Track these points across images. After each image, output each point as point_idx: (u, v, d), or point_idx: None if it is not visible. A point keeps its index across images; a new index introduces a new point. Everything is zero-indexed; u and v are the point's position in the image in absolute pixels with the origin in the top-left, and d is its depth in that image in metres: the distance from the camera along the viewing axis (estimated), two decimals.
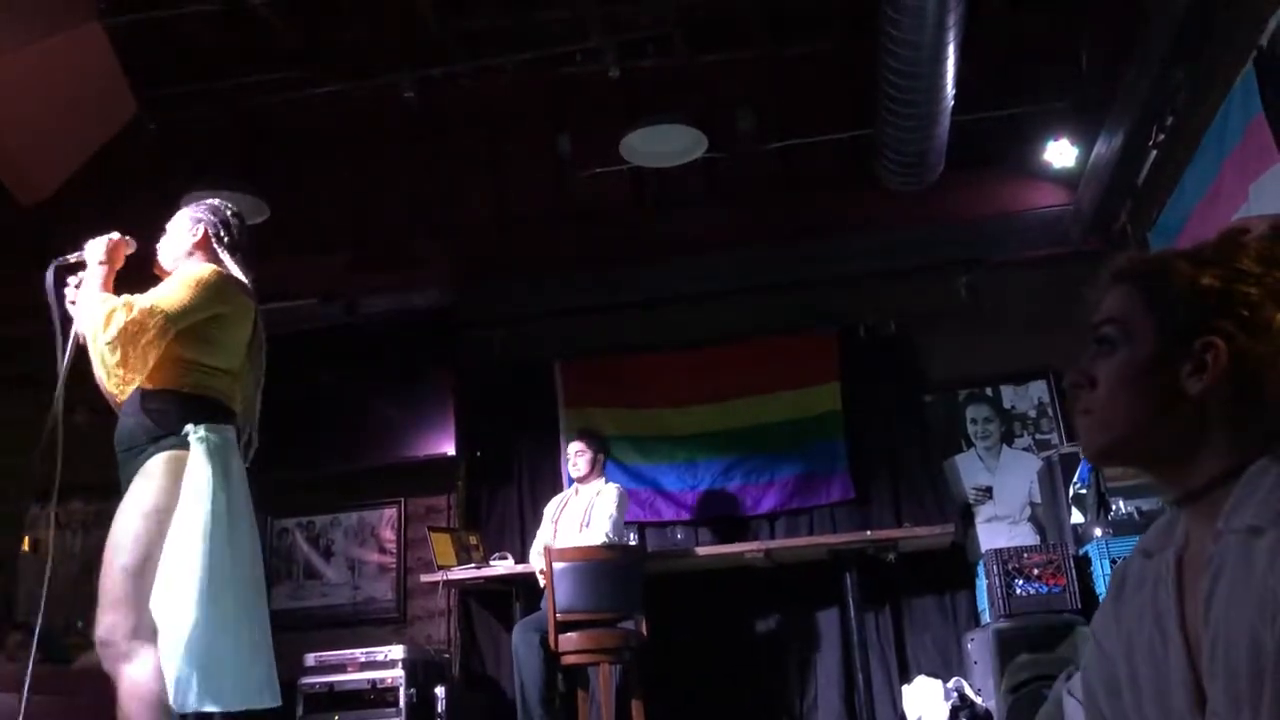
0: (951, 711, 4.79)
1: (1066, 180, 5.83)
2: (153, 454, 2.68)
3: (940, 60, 4.65)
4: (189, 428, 2.70)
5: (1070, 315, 1.40)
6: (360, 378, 6.32)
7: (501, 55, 5.71)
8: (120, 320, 2.64)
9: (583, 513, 5.31)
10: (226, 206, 3.16)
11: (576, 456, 5.48)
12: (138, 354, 2.66)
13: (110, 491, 6.70)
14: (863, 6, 4.96)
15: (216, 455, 2.69)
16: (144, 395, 2.75)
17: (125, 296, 2.73)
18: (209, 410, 2.78)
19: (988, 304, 6.06)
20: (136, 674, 2.50)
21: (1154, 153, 5.16)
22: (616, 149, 5.52)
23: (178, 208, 5.41)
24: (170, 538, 2.60)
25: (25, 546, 6.57)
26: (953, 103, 5.05)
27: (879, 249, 6.16)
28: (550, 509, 5.53)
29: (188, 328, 2.75)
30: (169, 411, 2.73)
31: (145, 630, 2.52)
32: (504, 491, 6.30)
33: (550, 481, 6.13)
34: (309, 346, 5.86)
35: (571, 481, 5.60)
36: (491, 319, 6.53)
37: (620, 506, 5.29)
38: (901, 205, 5.98)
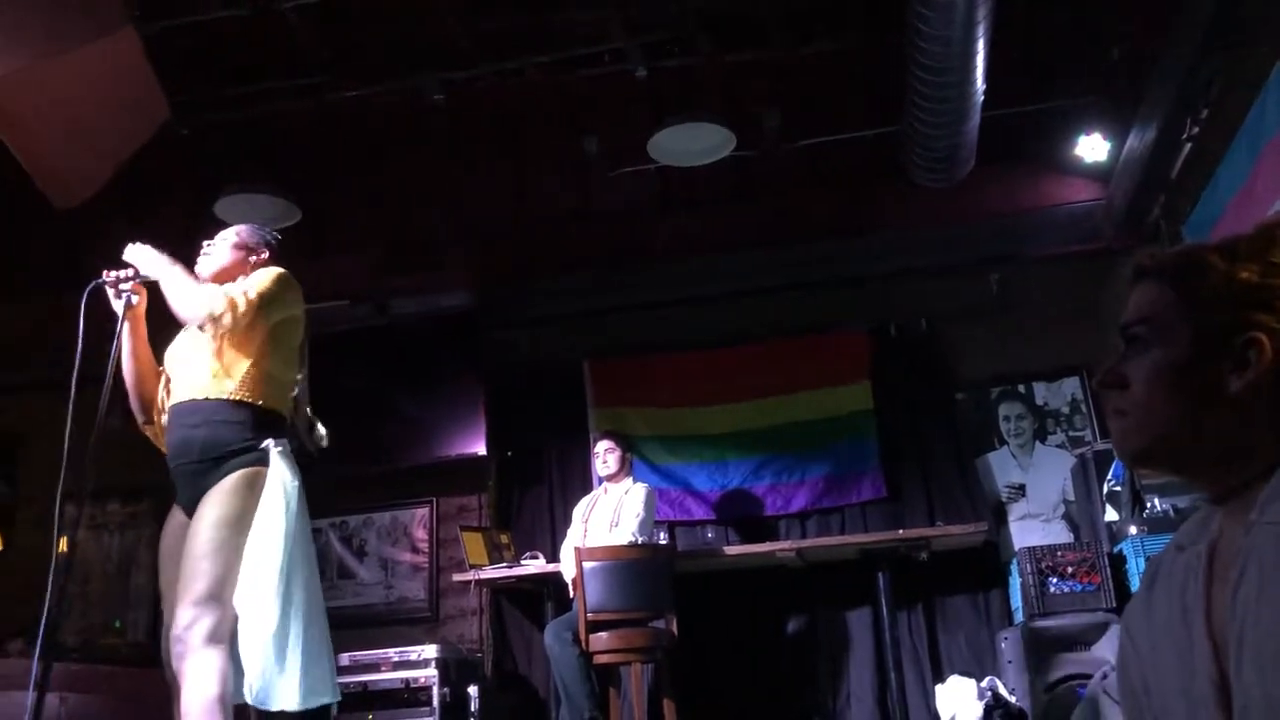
0: (985, 711, 4.76)
1: (1098, 175, 5.78)
2: (233, 468, 2.80)
3: (970, 55, 4.62)
4: (268, 443, 2.85)
5: (1102, 311, 1.38)
6: (391, 379, 6.36)
7: (527, 57, 5.73)
8: (221, 304, 2.79)
9: (612, 512, 5.32)
10: (268, 229, 3.28)
11: (606, 454, 5.49)
12: (235, 339, 2.84)
13: (145, 494, 6.78)
14: (889, 2, 4.93)
15: (291, 469, 2.85)
16: (217, 407, 2.86)
17: (223, 286, 2.88)
18: (278, 424, 2.94)
19: (1019, 300, 6.02)
20: (204, 673, 2.60)
21: (1188, 146, 5.09)
22: (643, 149, 5.53)
23: (210, 212, 5.49)
24: (252, 546, 2.74)
25: (62, 547, 6.66)
26: (983, 98, 5.01)
27: (909, 246, 6.14)
28: (580, 509, 5.54)
29: (270, 332, 2.92)
30: (245, 425, 2.86)
31: (220, 634, 2.65)
32: (534, 491, 6.32)
33: (580, 481, 6.14)
34: (341, 348, 5.90)
35: (601, 481, 5.60)
36: (520, 319, 6.56)
37: (648, 506, 5.29)
38: (931, 202, 5.95)
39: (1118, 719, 3.19)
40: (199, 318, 2.83)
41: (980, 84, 4.87)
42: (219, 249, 3.14)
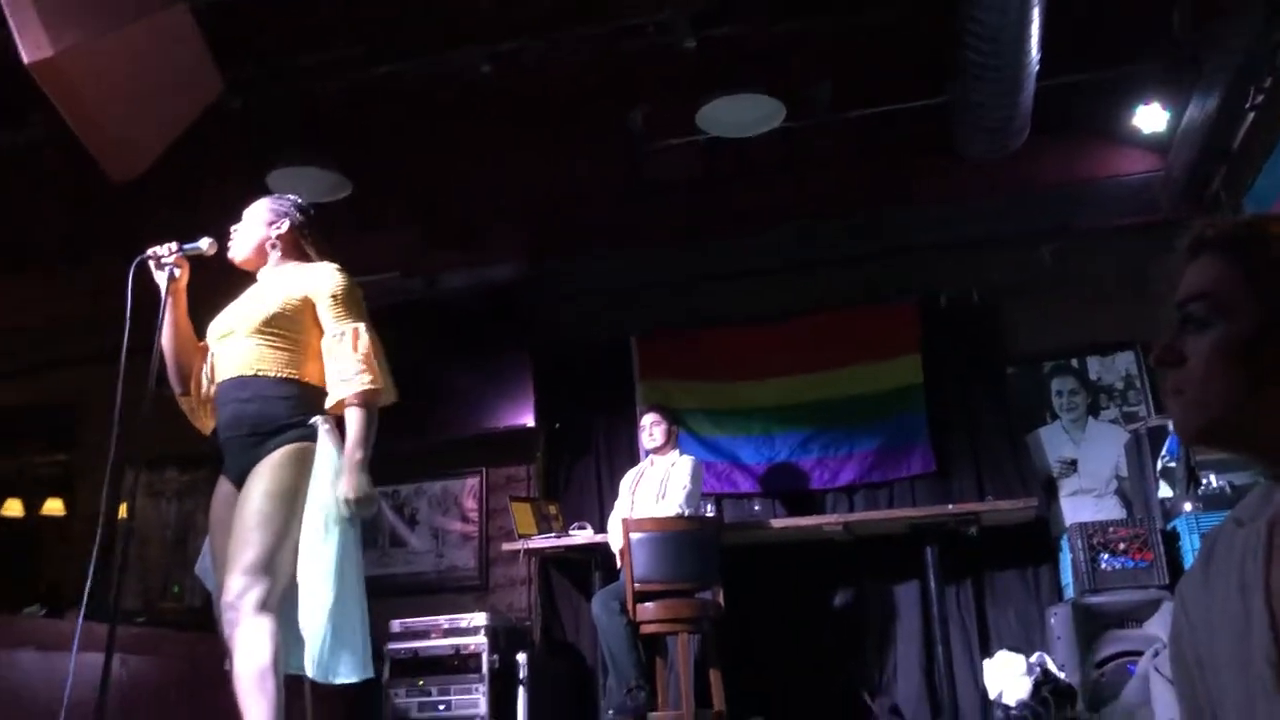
0: (1034, 686, 4.73)
1: (1156, 145, 5.66)
2: (282, 442, 2.89)
3: (1025, 23, 4.53)
4: (316, 419, 2.94)
5: (1157, 284, 1.35)
6: (441, 351, 6.42)
7: (574, 29, 5.70)
8: (371, 384, 2.96)
9: (659, 484, 5.34)
10: (303, 201, 3.32)
11: (652, 427, 5.50)
12: (291, 324, 2.98)
13: (202, 462, 6.92)
14: None
15: (337, 445, 2.92)
16: (267, 383, 2.94)
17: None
18: (323, 400, 3.00)
19: (1073, 273, 5.93)
20: (256, 641, 2.68)
21: (1250, 115, 4.97)
22: (691, 121, 5.50)
23: (263, 186, 5.55)
24: (308, 521, 2.81)
25: (122, 513, 6.82)
26: (1038, 67, 4.92)
27: (960, 218, 6.07)
28: (627, 481, 5.56)
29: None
30: (294, 401, 2.95)
31: (270, 603, 2.73)
32: (582, 462, 6.37)
33: (627, 453, 6.17)
34: (391, 321, 5.93)
35: (647, 453, 5.62)
36: (567, 293, 6.58)
37: (695, 478, 5.30)
38: (984, 173, 5.86)
39: (1169, 696, 3.17)
40: (367, 395, 2.97)
41: (1035, 53, 4.78)
42: (245, 232, 3.21)
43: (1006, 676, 4.80)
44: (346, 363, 2.93)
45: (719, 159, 6.31)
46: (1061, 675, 4.72)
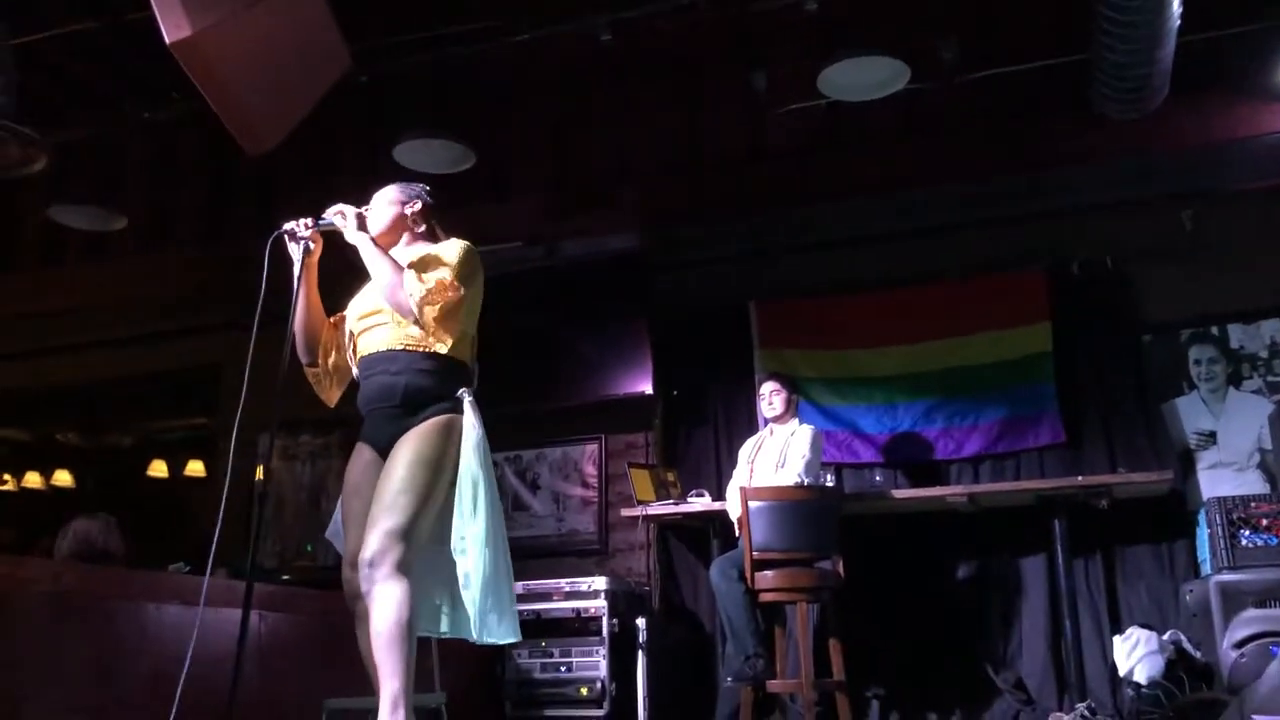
0: (1167, 664, 4.60)
1: None
2: (432, 414, 3.00)
3: None
4: (462, 392, 3.06)
5: None
6: (561, 318, 6.50)
7: None
8: (421, 289, 2.96)
9: (778, 453, 5.32)
10: (418, 186, 3.40)
11: (771, 396, 5.48)
12: (441, 315, 3.01)
13: (335, 427, 7.16)
14: None
15: (478, 418, 3.04)
16: (416, 357, 3.06)
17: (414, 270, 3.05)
18: (467, 375, 3.14)
19: (1214, 238, 5.68)
20: (393, 600, 2.78)
21: None
22: (813, 84, 5.41)
23: (390, 158, 5.68)
24: (459, 493, 2.95)
25: (259, 475, 7.10)
26: (1179, 21, 4.69)
27: (1094, 181, 5.85)
28: (745, 450, 5.55)
29: (465, 295, 3.08)
30: (446, 376, 3.06)
31: (407, 566, 2.83)
32: (700, 430, 6.38)
33: (745, 421, 6.15)
34: (514, 289, 6.05)
35: (766, 422, 5.60)
36: (687, 259, 6.58)
37: (815, 447, 5.26)
38: (1119, 134, 5.62)
39: None
40: (399, 303, 3.00)
41: (1177, 5, 4.56)
42: (378, 208, 3.27)
43: (1138, 653, 4.68)
44: (419, 283, 2.99)
45: (843, 122, 6.20)
46: (1197, 654, 4.57)
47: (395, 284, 2.99)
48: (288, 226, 3.16)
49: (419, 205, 3.29)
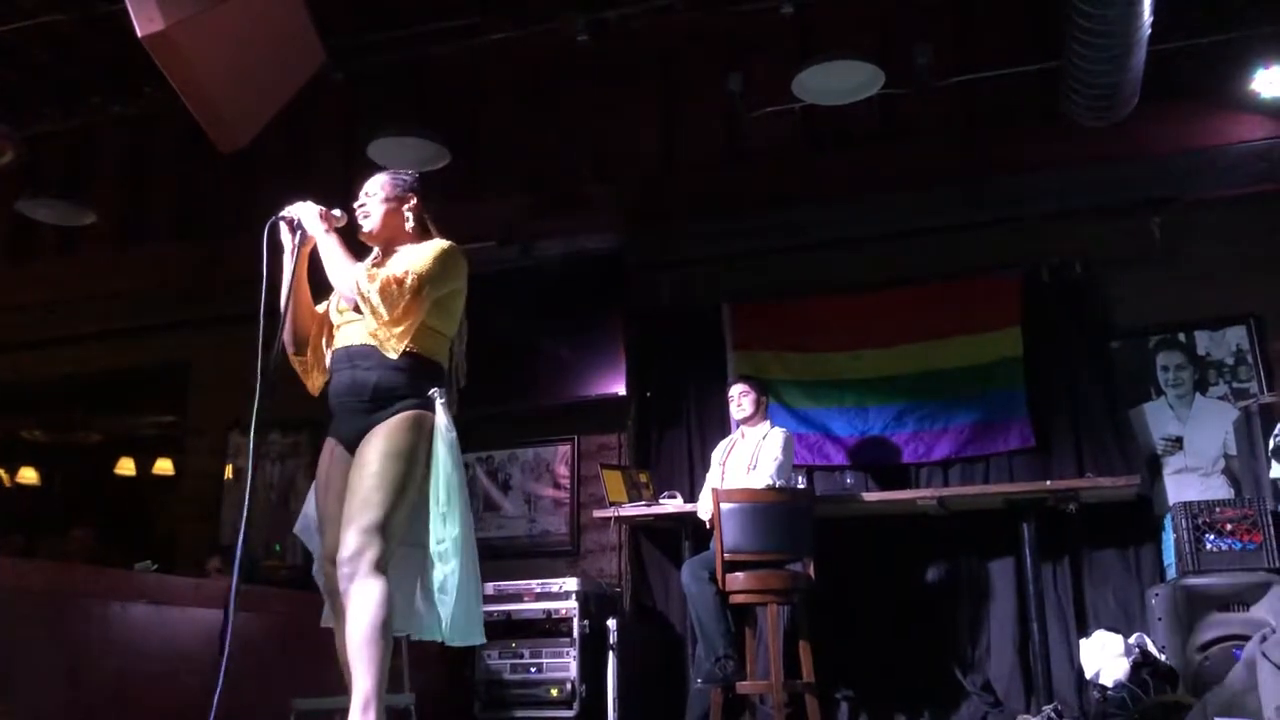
0: (1133, 667, 4.64)
1: (1277, 111, 5.43)
2: (400, 410, 2.98)
3: None
4: (434, 391, 3.03)
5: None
6: (535, 319, 6.47)
7: None
8: (375, 286, 2.92)
9: (750, 456, 5.33)
10: (405, 172, 3.37)
11: (740, 397, 5.49)
12: (399, 314, 2.96)
13: (303, 426, 7.09)
14: None
15: (449, 419, 3.02)
16: (393, 355, 3.02)
17: (366, 266, 3.05)
18: (440, 374, 3.11)
19: (1183, 245, 5.73)
20: (370, 599, 2.77)
21: None
22: (788, 88, 5.43)
23: (364, 155, 5.65)
24: (431, 492, 2.94)
25: (228, 474, 7.06)
26: (1149, 31, 4.75)
27: (1065, 187, 5.90)
28: (717, 453, 5.57)
29: (438, 299, 3.06)
30: (418, 374, 3.03)
31: (384, 563, 2.81)
32: (673, 432, 6.38)
33: (718, 422, 6.16)
34: (487, 288, 6.00)
35: (737, 424, 5.61)
36: (662, 261, 6.57)
37: (787, 450, 5.28)
38: (1090, 141, 5.69)
39: (1277, 684, 3.07)
40: (350, 295, 2.98)
41: (1148, 15, 4.61)
42: (373, 206, 3.23)
43: (1104, 656, 4.71)
44: (375, 285, 2.94)
45: (818, 125, 6.23)
46: (1162, 657, 4.61)
47: (349, 283, 2.97)
48: (285, 213, 3.11)
49: (413, 201, 3.25)
